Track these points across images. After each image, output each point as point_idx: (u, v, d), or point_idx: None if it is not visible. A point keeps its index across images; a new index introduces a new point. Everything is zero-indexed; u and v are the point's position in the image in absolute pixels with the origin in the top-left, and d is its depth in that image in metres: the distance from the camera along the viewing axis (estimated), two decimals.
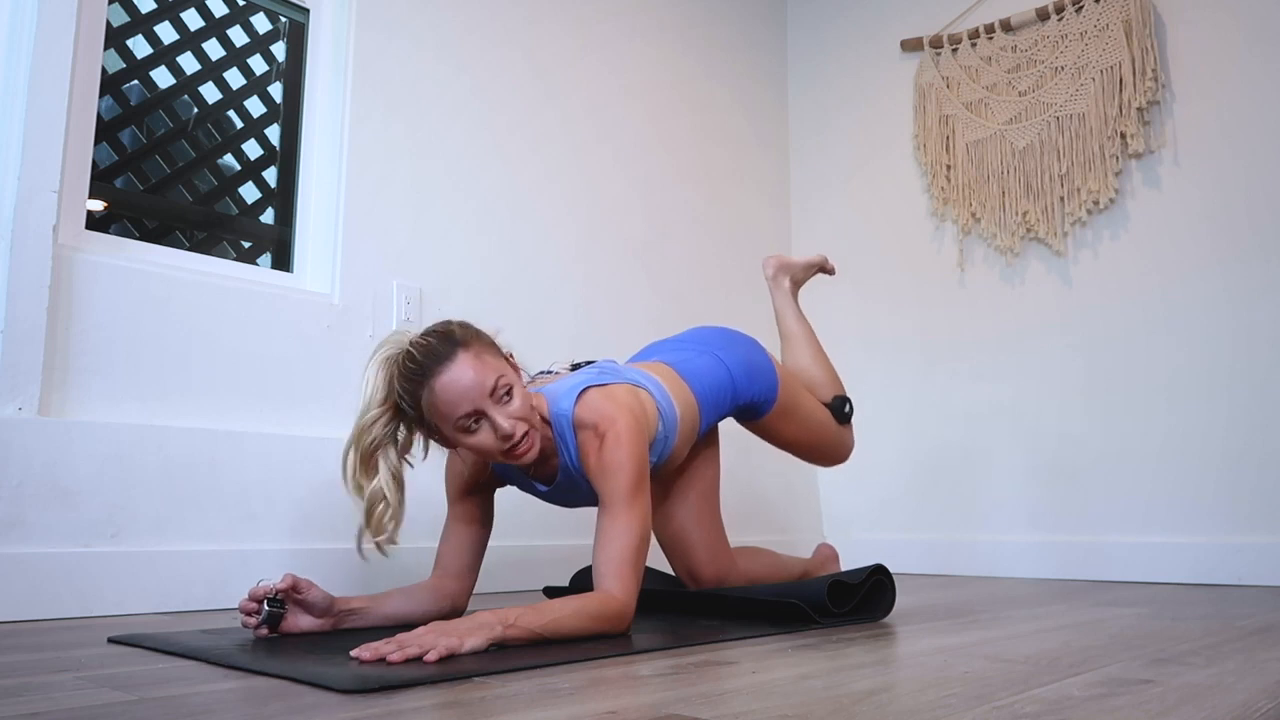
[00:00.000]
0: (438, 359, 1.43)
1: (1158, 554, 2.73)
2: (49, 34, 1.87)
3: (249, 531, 2.00)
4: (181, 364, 2.01)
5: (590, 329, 2.83)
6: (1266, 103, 2.73)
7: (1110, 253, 2.97)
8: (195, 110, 2.29)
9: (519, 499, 1.81)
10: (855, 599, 1.73)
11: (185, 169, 2.24)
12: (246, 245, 2.32)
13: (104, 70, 2.08)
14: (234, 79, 2.35)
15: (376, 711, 0.91)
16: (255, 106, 2.38)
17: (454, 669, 1.11)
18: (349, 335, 2.29)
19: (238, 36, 2.36)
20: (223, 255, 2.26)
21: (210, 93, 2.31)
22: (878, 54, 3.56)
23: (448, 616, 1.51)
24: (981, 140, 3.23)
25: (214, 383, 2.05)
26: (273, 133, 2.40)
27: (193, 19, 2.29)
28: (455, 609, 1.63)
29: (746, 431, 2.08)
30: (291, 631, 1.42)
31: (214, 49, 2.32)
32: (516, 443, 1.46)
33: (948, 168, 3.30)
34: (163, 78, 2.23)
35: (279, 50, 2.43)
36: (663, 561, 2.05)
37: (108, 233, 2.05)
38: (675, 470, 1.94)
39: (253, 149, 2.36)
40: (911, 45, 3.45)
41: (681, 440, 1.79)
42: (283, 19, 2.45)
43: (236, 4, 2.37)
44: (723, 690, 1.02)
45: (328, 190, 2.36)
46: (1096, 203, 2.97)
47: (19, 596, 1.68)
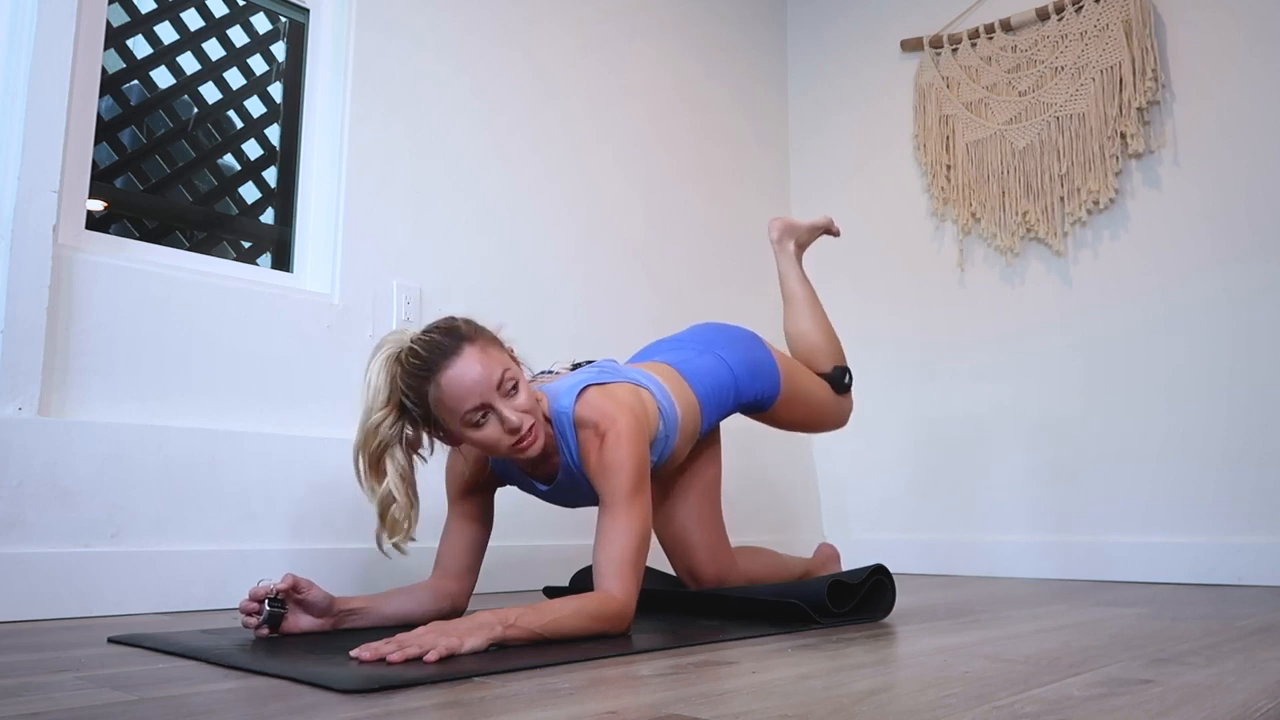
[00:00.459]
0: (444, 353, 1.43)
1: (1158, 554, 2.73)
2: (49, 34, 1.87)
3: (249, 531, 2.00)
4: (181, 364, 2.01)
5: (590, 328, 2.83)
6: (1266, 103, 2.73)
7: (1110, 253, 2.97)
8: (195, 110, 2.29)
9: (519, 499, 1.81)
10: (855, 599, 1.73)
11: (185, 169, 2.24)
12: (246, 245, 2.32)
13: (104, 70, 2.08)
14: (234, 79, 2.35)
15: (376, 711, 0.91)
16: (255, 106, 2.38)
17: (454, 669, 1.11)
18: (349, 335, 2.29)
19: (238, 36, 2.36)
20: (223, 255, 2.26)
21: (210, 93, 2.31)
22: (878, 54, 3.56)
23: (448, 616, 1.51)
24: (981, 140, 3.23)
25: (214, 383, 2.05)
26: (273, 133, 2.40)
27: (193, 19, 2.29)
28: (455, 609, 1.63)
29: (747, 431, 2.09)
30: (292, 631, 1.42)
31: (214, 49, 2.32)
32: (523, 436, 1.46)
33: (948, 168, 3.30)
34: (163, 78, 2.23)
35: (279, 50, 2.43)
36: (663, 561, 2.05)
37: (108, 233, 2.05)
38: (676, 470, 1.94)
39: (253, 149, 2.36)
40: (911, 45, 3.45)
41: (682, 440, 1.79)
42: (283, 19, 2.45)
43: (236, 4, 2.37)
44: (723, 690, 1.02)
45: (328, 190, 2.36)
46: (1096, 203, 2.97)
47: (19, 596, 1.68)
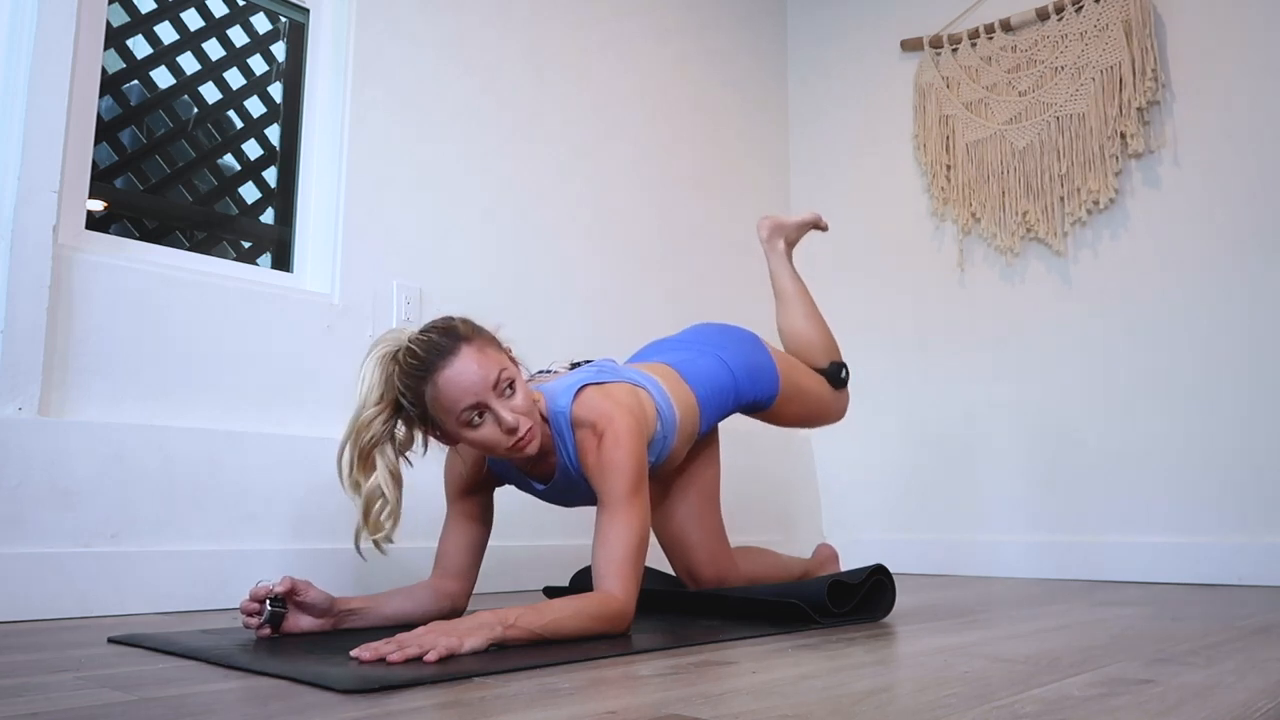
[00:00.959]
0: (441, 353, 1.43)
1: (1158, 554, 2.73)
2: (49, 34, 1.87)
3: (249, 531, 2.00)
4: (181, 364, 2.01)
5: (590, 328, 2.83)
6: (1267, 103, 2.73)
7: (1110, 253, 2.97)
8: (195, 110, 2.29)
9: (519, 499, 1.81)
10: (855, 599, 1.73)
11: (185, 169, 2.24)
12: (246, 245, 2.32)
13: (104, 70, 2.08)
14: (234, 79, 2.35)
15: (376, 711, 0.91)
16: (255, 106, 2.38)
17: (454, 669, 1.11)
18: (349, 335, 2.29)
19: (238, 36, 2.36)
20: (223, 255, 2.26)
21: (210, 93, 2.31)
22: (878, 54, 3.56)
23: (448, 616, 1.51)
24: (981, 140, 3.23)
25: (214, 383, 2.05)
26: (273, 133, 2.40)
27: (193, 19, 2.29)
28: (455, 609, 1.63)
29: (747, 432, 2.09)
30: (292, 632, 1.42)
31: (214, 49, 2.32)
32: (520, 436, 1.46)
33: (948, 168, 3.30)
34: (163, 78, 2.23)
35: (279, 50, 2.43)
36: (663, 561, 2.05)
37: (108, 233, 2.05)
38: (675, 470, 1.94)
39: (253, 149, 2.36)
40: (911, 45, 3.45)
41: (681, 441, 1.79)
42: (283, 19, 2.45)
43: (236, 4, 2.37)
44: (723, 690, 1.02)
45: (328, 190, 2.36)
46: (1096, 203, 2.97)
47: (19, 596, 1.68)
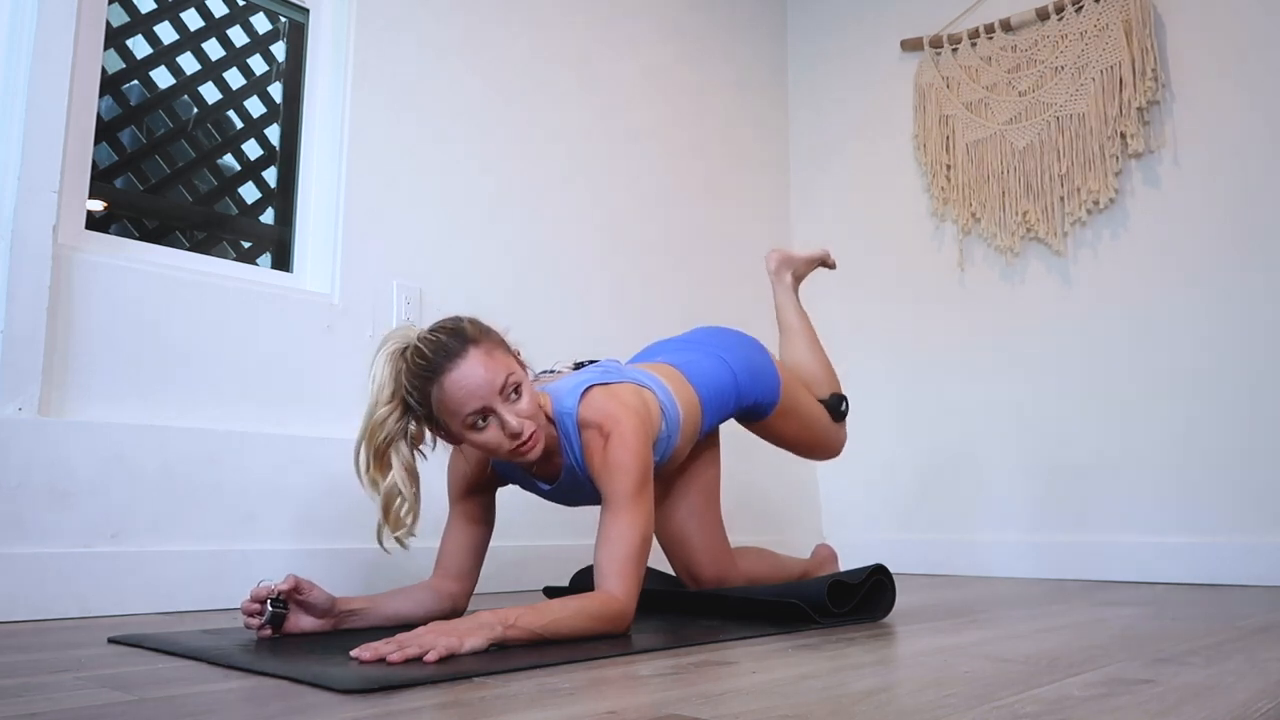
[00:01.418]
0: (448, 355, 1.42)
1: (1158, 554, 2.73)
2: (49, 34, 1.87)
3: (249, 531, 2.00)
4: (181, 364, 2.01)
5: (590, 328, 2.83)
6: (1267, 103, 2.73)
7: (1110, 253, 2.97)
8: (195, 110, 2.29)
9: (521, 499, 1.81)
10: (855, 599, 1.73)
11: (185, 169, 2.24)
12: (246, 245, 2.32)
13: (104, 70, 2.08)
14: (234, 79, 2.35)
15: (376, 711, 0.91)
16: (255, 106, 2.38)
17: (454, 669, 1.11)
18: (349, 335, 2.29)
19: (238, 36, 2.36)
20: (223, 255, 2.26)
21: (210, 93, 2.31)
22: (878, 54, 3.56)
23: (448, 617, 1.51)
24: (981, 140, 3.23)
25: (214, 383, 2.05)
26: (273, 133, 2.40)
27: (193, 19, 2.29)
28: (456, 609, 1.63)
29: (746, 432, 2.09)
30: (292, 632, 1.42)
31: (214, 49, 2.32)
32: (524, 440, 1.46)
33: (948, 168, 3.30)
34: (163, 78, 2.23)
35: (279, 50, 2.43)
36: (663, 561, 2.05)
37: (108, 233, 2.05)
38: (676, 470, 1.94)
39: (253, 149, 2.36)
40: (911, 45, 3.45)
41: (684, 440, 1.80)
42: (283, 19, 2.45)
43: (236, 4, 2.36)
44: (723, 690, 1.02)
45: (328, 190, 2.36)
46: (1096, 203, 2.97)
47: (19, 596, 1.68)
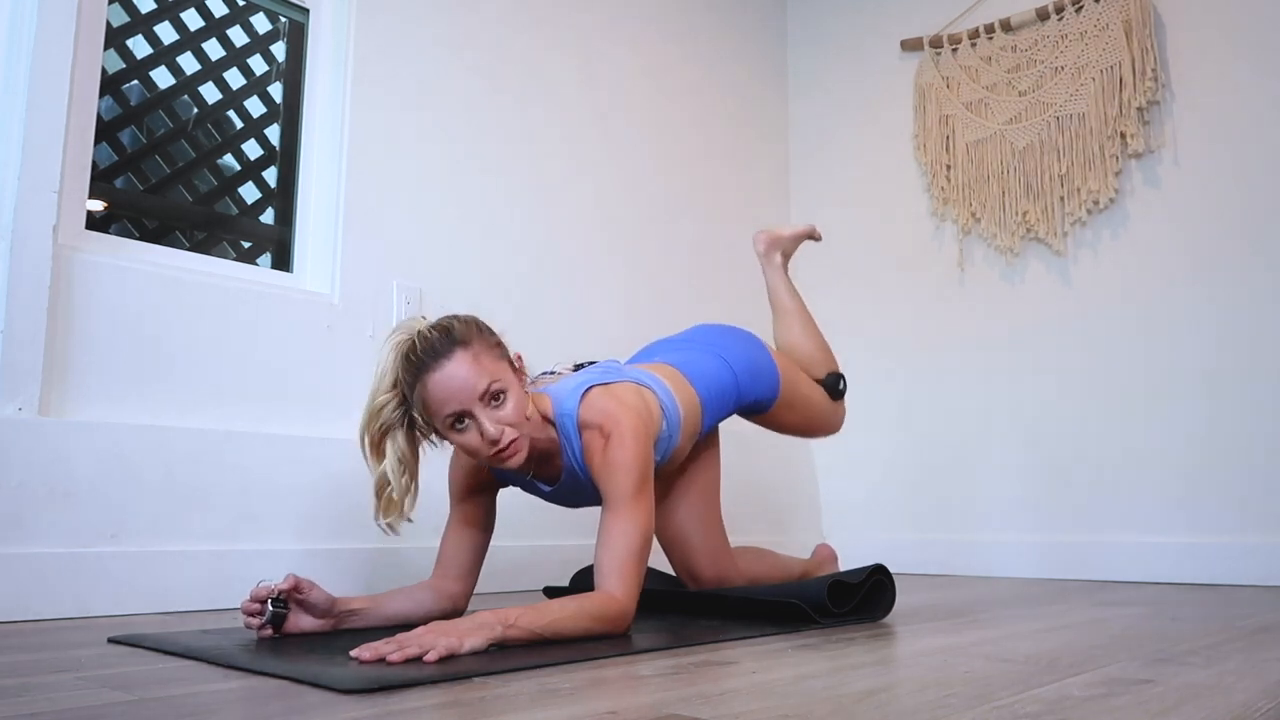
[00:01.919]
0: (434, 355, 1.43)
1: (1158, 554, 2.73)
2: (49, 34, 1.87)
3: (249, 531, 2.00)
4: (182, 364, 2.01)
5: (590, 328, 2.83)
6: (1266, 103, 2.73)
7: (1110, 253, 2.97)
8: (195, 110, 2.29)
9: (521, 499, 1.81)
10: (855, 599, 1.73)
11: (185, 169, 2.24)
12: (246, 245, 2.32)
13: (104, 70, 2.08)
14: (234, 79, 2.35)
15: (376, 711, 0.91)
16: (255, 106, 2.38)
17: (454, 669, 1.11)
18: (349, 335, 2.29)
19: (238, 36, 2.36)
20: (223, 255, 2.26)
21: (210, 93, 2.31)
22: (878, 54, 3.56)
23: (448, 616, 1.51)
24: (981, 140, 3.23)
25: (214, 383, 2.05)
26: (273, 133, 2.40)
27: (193, 19, 2.29)
28: (456, 609, 1.63)
29: (746, 432, 2.09)
30: (293, 632, 1.42)
31: (214, 49, 2.32)
32: (502, 448, 1.45)
33: (948, 168, 3.30)
34: (163, 78, 2.23)
35: (279, 50, 2.43)
36: (663, 561, 2.05)
37: (108, 233, 2.05)
38: (676, 470, 1.94)
39: (253, 149, 2.36)
40: (911, 45, 3.45)
41: (684, 440, 1.80)
42: (283, 19, 2.45)
43: (236, 4, 2.36)
44: (723, 690, 1.02)
45: (328, 190, 2.36)
46: (1096, 203, 2.97)
47: (19, 596, 1.68)
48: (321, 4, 2.47)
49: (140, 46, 2.20)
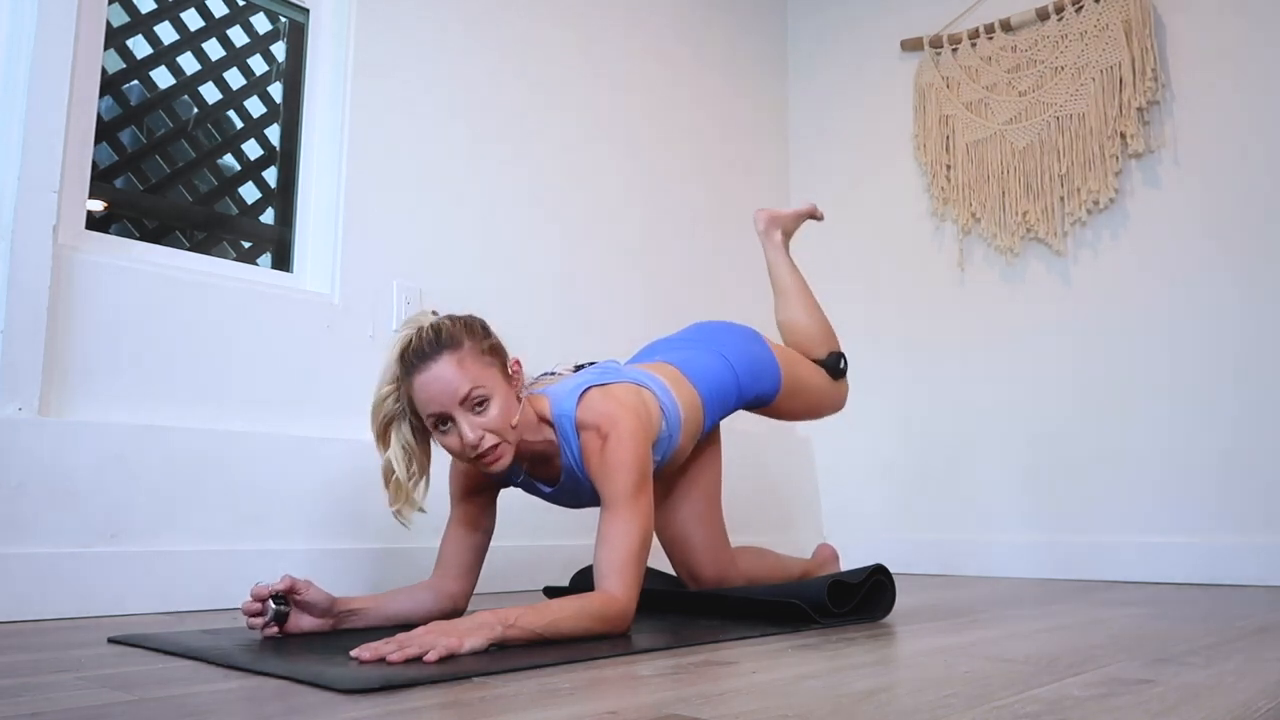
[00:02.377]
0: (421, 357, 1.46)
1: (1158, 554, 2.73)
2: (49, 34, 1.87)
3: (249, 531, 2.00)
4: (182, 364, 2.01)
5: (590, 328, 2.83)
6: (1266, 102, 2.73)
7: (1110, 253, 2.97)
8: (195, 110, 2.29)
9: (521, 499, 1.81)
10: (855, 599, 1.73)
11: (185, 169, 2.24)
12: (246, 245, 2.32)
13: (104, 70, 2.08)
14: (234, 79, 2.35)
15: (376, 711, 0.91)
16: (255, 106, 2.38)
17: (454, 669, 1.11)
18: (349, 335, 2.29)
19: (238, 36, 2.36)
20: (223, 255, 2.26)
21: (210, 93, 2.31)
22: (878, 54, 3.56)
23: (448, 616, 1.51)
24: (981, 140, 3.23)
25: (214, 383, 2.05)
26: (273, 133, 2.40)
27: (193, 19, 2.29)
28: (456, 609, 1.63)
29: (747, 432, 2.09)
30: (293, 632, 1.42)
31: (214, 49, 2.32)
32: (483, 452, 1.47)
33: (948, 168, 3.30)
34: (163, 78, 2.23)
35: (279, 50, 2.43)
36: (664, 561, 2.05)
37: (108, 233, 2.05)
38: (677, 470, 1.94)
39: (253, 149, 2.36)
40: (911, 45, 3.45)
41: (686, 439, 1.79)
42: (283, 19, 2.45)
43: (236, 4, 2.36)
44: (723, 690, 1.02)
45: (328, 190, 2.36)
46: (1096, 203, 2.97)
47: (19, 596, 1.68)
48: (321, 4, 2.47)
49: (140, 46, 2.20)
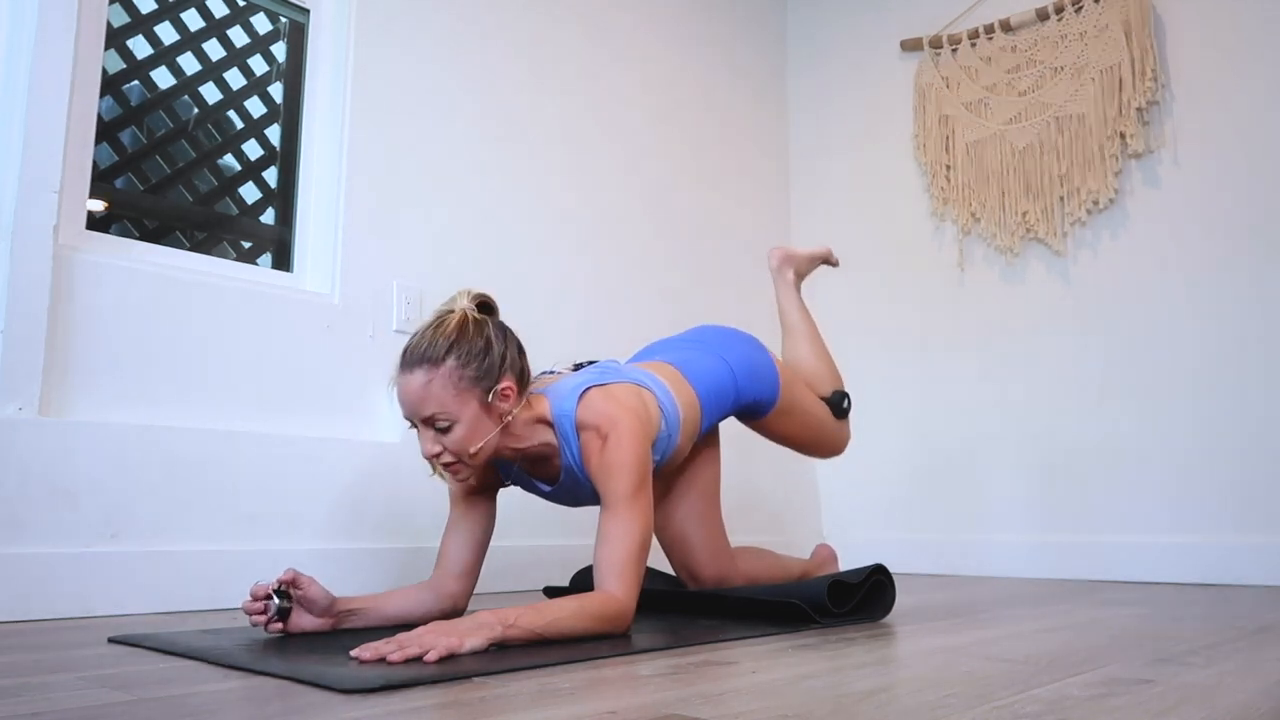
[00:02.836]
0: (405, 359, 1.50)
1: (1158, 554, 2.73)
2: (49, 34, 1.87)
3: (249, 531, 2.00)
4: (182, 364, 2.01)
5: (591, 328, 2.83)
6: (1266, 103, 2.73)
7: (1110, 253, 2.97)
8: (195, 110, 2.29)
9: (520, 499, 1.81)
10: (855, 599, 1.73)
11: (185, 169, 2.24)
12: (246, 245, 2.32)
13: (104, 70, 2.08)
14: (234, 79, 2.35)
15: (376, 711, 0.91)
16: (255, 107, 2.38)
17: (454, 669, 1.11)
18: (349, 335, 2.29)
19: (238, 37, 2.36)
20: (223, 255, 2.26)
21: (210, 93, 2.31)
22: (877, 54, 3.56)
23: (448, 616, 1.51)
24: (981, 140, 3.23)
25: (214, 383, 2.05)
26: (273, 133, 2.40)
27: (193, 19, 2.29)
28: (456, 609, 1.63)
29: (747, 432, 2.09)
30: (293, 631, 1.42)
31: (214, 49, 2.32)
32: (443, 464, 1.51)
33: (948, 168, 3.30)
34: (163, 78, 2.23)
35: (279, 50, 2.43)
36: (663, 561, 2.05)
37: (108, 233, 2.05)
38: (676, 470, 1.94)
39: (253, 149, 2.36)
40: (911, 45, 3.45)
41: (684, 439, 1.79)
42: (283, 19, 2.45)
43: (236, 4, 2.37)
44: (723, 690, 1.02)
45: (328, 190, 2.36)
46: (1096, 203, 2.97)
47: (19, 596, 1.68)
48: (321, 4, 2.47)
49: (140, 46, 2.20)
